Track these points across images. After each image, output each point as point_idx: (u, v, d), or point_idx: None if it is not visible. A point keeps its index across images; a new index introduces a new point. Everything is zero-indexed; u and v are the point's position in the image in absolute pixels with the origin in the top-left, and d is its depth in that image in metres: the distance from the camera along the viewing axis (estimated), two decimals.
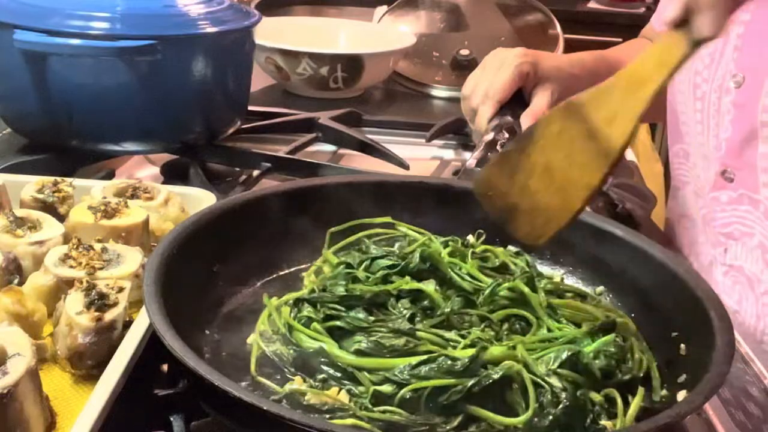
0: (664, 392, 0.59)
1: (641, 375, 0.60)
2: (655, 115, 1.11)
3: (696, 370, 0.54)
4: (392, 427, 0.53)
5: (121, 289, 0.63)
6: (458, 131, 1.26)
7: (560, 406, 0.53)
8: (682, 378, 0.58)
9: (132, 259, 0.69)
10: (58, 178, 0.81)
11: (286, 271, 0.72)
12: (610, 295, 0.70)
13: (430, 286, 0.64)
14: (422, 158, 1.21)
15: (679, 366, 0.59)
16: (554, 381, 0.55)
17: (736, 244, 0.90)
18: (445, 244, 0.71)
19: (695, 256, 0.99)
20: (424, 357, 0.55)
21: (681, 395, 0.56)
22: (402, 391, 0.54)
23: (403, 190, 0.77)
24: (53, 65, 0.93)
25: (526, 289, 0.64)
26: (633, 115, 0.58)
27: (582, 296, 0.69)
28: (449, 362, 0.54)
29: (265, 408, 0.47)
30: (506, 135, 0.98)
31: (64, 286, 0.65)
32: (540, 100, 1.00)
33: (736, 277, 0.91)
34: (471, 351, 0.55)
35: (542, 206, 0.63)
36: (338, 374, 0.57)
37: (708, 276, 0.95)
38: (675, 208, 1.05)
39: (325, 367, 0.57)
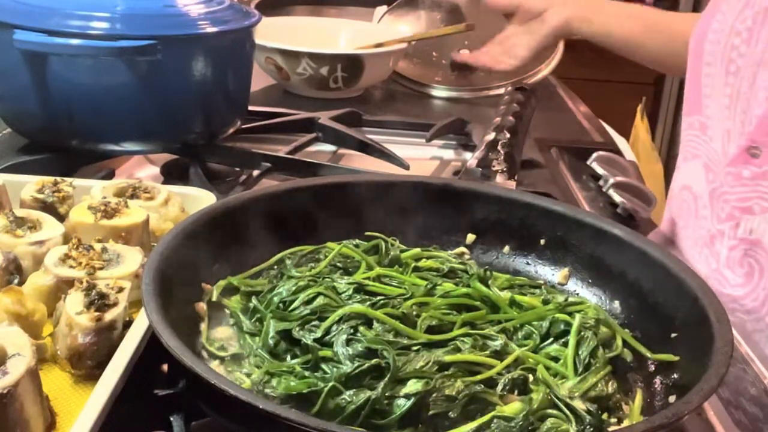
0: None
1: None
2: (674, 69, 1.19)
3: (694, 370, 0.54)
4: None
5: (121, 289, 0.63)
6: (458, 131, 1.26)
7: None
8: (681, 378, 0.58)
9: (132, 259, 0.69)
10: (58, 178, 0.82)
11: None
12: (610, 296, 0.70)
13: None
14: (422, 158, 1.21)
15: (678, 366, 0.59)
16: (578, 404, 0.56)
17: (752, 219, 0.90)
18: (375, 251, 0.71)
19: (693, 229, 1.00)
20: (475, 425, 0.53)
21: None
22: None
23: (403, 190, 0.77)
24: (53, 65, 0.93)
25: (486, 290, 0.65)
26: None
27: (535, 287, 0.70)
28: (504, 423, 0.53)
29: (261, 407, 0.47)
30: (507, 135, 0.99)
31: (64, 286, 0.65)
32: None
33: (748, 250, 0.91)
34: (519, 405, 0.54)
35: None
36: None
37: (709, 249, 0.95)
38: (678, 179, 1.05)
39: None
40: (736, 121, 0.92)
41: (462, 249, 0.76)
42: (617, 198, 1.05)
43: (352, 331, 0.58)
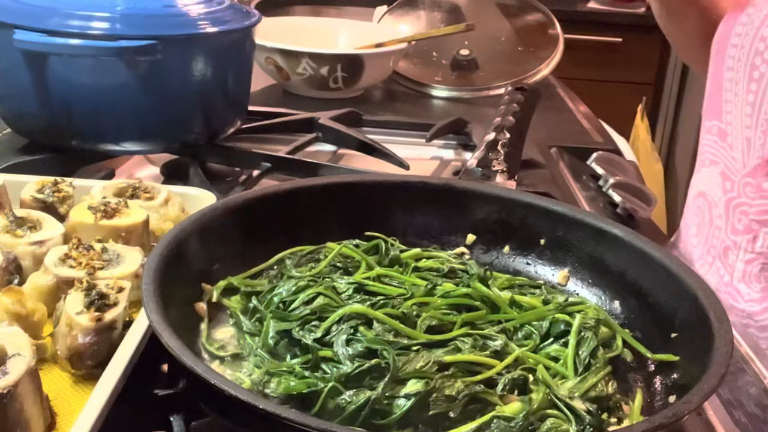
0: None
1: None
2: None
3: (694, 370, 0.54)
4: None
5: (121, 289, 0.63)
6: (458, 131, 1.26)
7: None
8: (681, 378, 0.58)
9: (132, 259, 0.69)
10: (58, 178, 0.81)
11: None
12: (610, 296, 0.70)
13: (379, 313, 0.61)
14: (422, 158, 1.21)
15: (678, 366, 0.59)
16: (577, 404, 0.56)
17: None
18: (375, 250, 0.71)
19: (706, 238, 0.98)
20: (475, 425, 0.53)
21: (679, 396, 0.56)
22: None
23: (404, 190, 0.77)
24: (53, 65, 0.93)
25: (486, 290, 0.65)
26: None
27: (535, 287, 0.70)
28: (504, 423, 0.53)
29: (261, 407, 0.47)
30: (507, 135, 0.99)
31: (64, 286, 0.65)
32: None
33: (766, 264, 0.89)
34: (519, 405, 0.54)
35: None
36: None
37: (721, 261, 0.94)
38: (696, 184, 1.03)
39: None
40: (757, 130, 0.89)
41: (462, 249, 0.76)
42: (617, 198, 1.05)
43: (352, 331, 0.58)
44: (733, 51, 0.93)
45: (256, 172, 1.02)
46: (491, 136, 0.98)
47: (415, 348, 0.58)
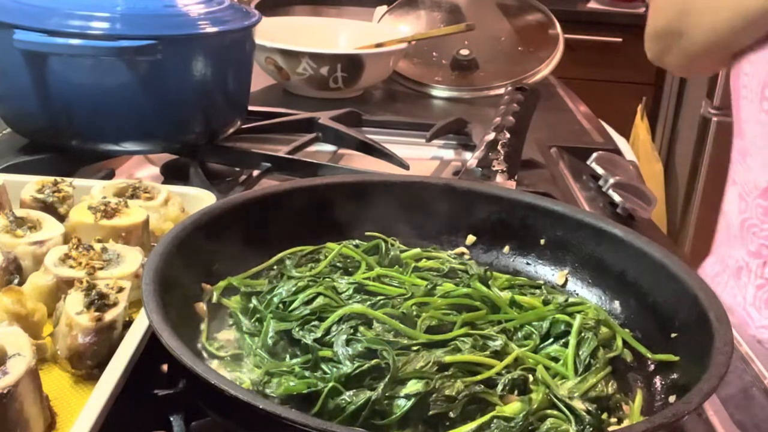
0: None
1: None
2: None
3: (694, 370, 0.54)
4: None
5: (121, 289, 0.63)
6: (458, 131, 1.26)
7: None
8: (681, 378, 0.58)
9: (132, 259, 0.69)
10: (58, 178, 0.82)
11: None
12: (610, 296, 0.70)
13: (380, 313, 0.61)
14: (422, 158, 1.21)
15: (678, 366, 0.59)
16: (577, 404, 0.56)
17: None
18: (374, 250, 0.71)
19: (722, 256, 0.96)
20: (475, 425, 0.53)
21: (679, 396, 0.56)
22: None
23: (404, 190, 0.77)
24: (53, 65, 0.93)
25: (486, 290, 0.65)
26: None
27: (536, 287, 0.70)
28: (503, 423, 0.53)
29: (261, 407, 0.47)
30: (507, 135, 0.99)
31: (64, 286, 0.65)
32: None
33: None
34: (518, 406, 0.55)
35: None
36: None
37: (735, 281, 0.93)
38: (723, 203, 1.00)
39: None
40: None
41: (462, 249, 0.76)
42: (617, 198, 1.05)
43: (352, 331, 0.58)
44: (747, 67, 0.89)
45: (256, 172, 1.02)
46: (491, 136, 0.98)
47: (415, 348, 0.58)
